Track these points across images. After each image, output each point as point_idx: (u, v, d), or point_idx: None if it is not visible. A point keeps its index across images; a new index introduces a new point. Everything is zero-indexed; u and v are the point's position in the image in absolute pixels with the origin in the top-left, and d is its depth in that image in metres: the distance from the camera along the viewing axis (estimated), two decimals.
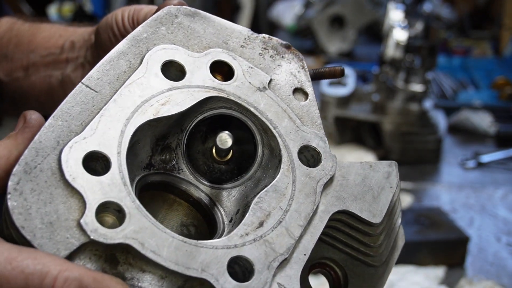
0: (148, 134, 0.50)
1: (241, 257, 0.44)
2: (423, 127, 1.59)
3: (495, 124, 1.76)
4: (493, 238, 1.29)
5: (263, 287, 0.44)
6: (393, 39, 1.55)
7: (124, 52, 0.51)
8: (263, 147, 0.52)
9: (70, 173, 0.44)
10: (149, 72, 0.49)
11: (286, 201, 0.48)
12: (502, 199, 1.45)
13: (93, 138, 0.45)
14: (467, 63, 2.23)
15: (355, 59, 2.41)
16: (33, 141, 0.45)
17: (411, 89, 1.56)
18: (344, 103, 1.63)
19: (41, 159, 0.45)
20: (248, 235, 0.46)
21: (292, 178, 0.49)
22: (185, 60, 0.51)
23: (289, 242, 0.46)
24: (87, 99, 0.48)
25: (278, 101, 0.52)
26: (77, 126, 0.47)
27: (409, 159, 1.61)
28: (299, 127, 0.52)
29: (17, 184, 0.43)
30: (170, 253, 0.43)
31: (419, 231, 1.15)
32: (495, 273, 1.16)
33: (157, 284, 0.43)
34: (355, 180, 0.52)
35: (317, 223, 0.49)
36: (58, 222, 0.42)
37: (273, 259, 0.45)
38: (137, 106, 0.48)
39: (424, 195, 1.46)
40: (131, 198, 0.44)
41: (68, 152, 0.44)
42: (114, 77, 0.49)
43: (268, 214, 0.47)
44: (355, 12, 2.33)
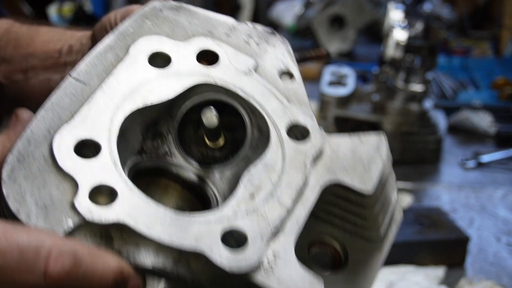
0: (138, 121, 0.50)
1: (234, 229, 0.45)
2: (423, 127, 1.59)
3: (495, 124, 1.76)
4: (493, 238, 1.29)
5: (258, 256, 0.44)
6: (393, 39, 1.55)
7: (111, 46, 0.52)
8: (253, 128, 0.53)
9: (61, 159, 0.45)
10: (136, 62, 0.51)
11: (277, 175, 0.49)
12: (502, 199, 1.45)
13: (82, 126, 0.47)
14: (467, 63, 2.23)
15: (355, 59, 2.41)
16: (25, 132, 0.47)
17: (411, 89, 1.56)
18: (344, 103, 1.63)
19: (33, 147, 0.46)
20: (240, 208, 0.47)
21: (282, 154, 0.51)
22: (170, 49, 0.52)
23: (281, 213, 0.47)
24: (76, 91, 0.49)
25: (265, 83, 0.54)
26: (67, 116, 0.47)
27: (409, 159, 1.61)
28: (287, 106, 0.53)
29: (11, 172, 0.44)
30: (163, 227, 0.44)
31: (419, 231, 1.15)
32: (495, 273, 1.16)
33: (152, 258, 0.43)
34: (345, 153, 0.53)
35: (309, 194, 0.49)
36: (52, 205, 0.44)
37: (266, 229, 0.45)
38: (125, 94, 0.49)
39: (424, 195, 1.46)
40: (123, 179, 0.45)
41: (59, 140, 0.46)
42: (102, 69, 0.51)
43: (259, 187, 0.48)
44: (355, 12, 2.33)
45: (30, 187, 0.44)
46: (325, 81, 1.68)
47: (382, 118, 1.57)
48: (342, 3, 2.32)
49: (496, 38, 2.33)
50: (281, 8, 3.02)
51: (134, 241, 0.44)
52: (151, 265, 0.44)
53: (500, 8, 2.29)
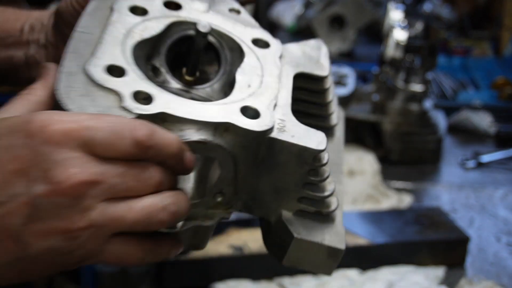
0: (140, 54, 0.62)
1: (247, 106, 0.59)
2: (423, 127, 1.59)
3: (495, 124, 1.76)
4: (493, 238, 1.29)
5: (271, 120, 0.59)
6: (393, 39, 1.55)
7: (97, 7, 0.66)
8: (224, 49, 0.68)
9: (100, 79, 0.56)
10: (121, 14, 0.65)
11: (260, 70, 0.65)
12: (502, 199, 1.45)
13: (104, 57, 0.59)
14: (467, 63, 2.23)
15: (355, 59, 2.41)
16: (62, 69, 0.57)
17: (411, 89, 1.56)
18: (344, 103, 1.63)
19: (73, 77, 0.57)
20: (243, 93, 0.61)
21: (256, 57, 0.66)
22: (143, 3, 0.67)
23: (274, 92, 0.63)
24: (86, 39, 0.62)
25: (222, 16, 0.70)
26: (88, 55, 0.59)
27: (409, 159, 1.61)
28: (245, 28, 0.69)
29: (67, 96, 0.55)
30: (196, 111, 0.57)
31: (419, 231, 1.15)
32: (495, 273, 1.16)
33: (196, 135, 0.56)
34: (298, 55, 0.70)
35: (286, 81, 0.66)
36: (109, 111, 0.55)
37: (269, 103, 0.61)
38: (124, 35, 0.62)
39: (424, 195, 1.47)
40: (154, 86, 0.58)
41: (92, 68, 0.58)
42: (98, 23, 0.64)
43: (250, 79, 0.63)
44: (355, 12, 2.33)
45: (86, 102, 0.55)
46: None
47: (382, 118, 1.58)
48: (342, 3, 2.32)
49: (496, 38, 2.33)
50: (281, 8, 3.02)
51: (177, 126, 0.56)
52: (197, 139, 0.56)
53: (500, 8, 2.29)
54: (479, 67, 2.18)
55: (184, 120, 0.56)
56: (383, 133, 1.58)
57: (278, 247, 0.63)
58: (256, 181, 0.62)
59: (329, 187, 0.63)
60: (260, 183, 0.62)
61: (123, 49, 0.61)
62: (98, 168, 0.51)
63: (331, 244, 0.63)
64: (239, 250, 1.05)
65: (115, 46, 0.61)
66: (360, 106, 1.65)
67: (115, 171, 0.52)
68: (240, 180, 0.61)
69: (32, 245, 0.52)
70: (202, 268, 1.05)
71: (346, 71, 1.73)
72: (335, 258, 0.64)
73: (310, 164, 0.61)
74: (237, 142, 0.58)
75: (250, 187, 0.62)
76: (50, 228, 0.52)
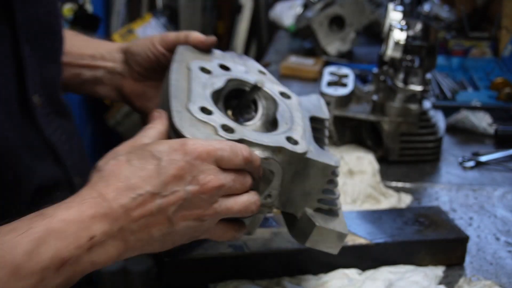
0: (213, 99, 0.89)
1: (290, 136, 0.87)
2: (423, 127, 1.60)
3: (494, 124, 1.77)
4: (492, 237, 1.29)
5: (306, 146, 0.87)
6: (392, 40, 1.55)
7: (180, 66, 0.94)
8: (261, 99, 0.95)
9: (199, 116, 0.83)
10: (196, 72, 0.93)
11: (289, 114, 0.93)
12: (501, 199, 1.45)
13: (197, 101, 0.86)
14: (466, 63, 2.23)
15: (355, 60, 2.42)
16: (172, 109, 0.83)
17: (410, 89, 1.57)
18: (343, 103, 1.63)
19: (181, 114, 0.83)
20: (284, 129, 0.89)
21: (285, 105, 0.94)
22: (207, 65, 0.96)
23: (302, 128, 0.90)
24: (179, 88, 0.88)
25: (256, 74, 1.00)
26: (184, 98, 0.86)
27: (409, 159, 1.61)
28: (272, 84, 0.98)
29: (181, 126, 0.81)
30: (262, 138, 0.84)
31: (418, 231, 1.16)
32: (494, 273, 1.17)
33: (262, 153, 0.83)
34: (307, 104, 1.00)
35: (306, 121, 0.94)
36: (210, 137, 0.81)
37: (302, 135, 0.89)
38: (202, 86, 0.90)
39: (423, 195, 1.47)
40: (230, 121, 0.85)
41: (192, 108, 0.84)
42: (183, 77, 0.91)
43: (286, 120, 0.91)
44: (354, 13, 2.33)
45: (195, 130, 0.80)
46: (324, 81, 1.68)
47: (382, 118, 1.58)
48: (342, 3, 2.32)
49: (495, 39, 2.33)
50: (281, 8, 3.03)
51: (250, 148, 0.81)
52: (264, 156, 0.83)
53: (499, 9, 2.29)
54: (478, 68, 2.18)
55: (255, 144, 0.83)
56: (383, 133, 1.58)
57: (302, 234, 0.90)
58: (292, 187, 0.88)
59: (337, 192, 0.91)
60: (294, 189, 0.88)
61: (205, 96, 0.88)
62: (223, 176, 0.78)
63: (339, 230, 0.89)
64: (239, 250, 1.06)
65: (201, 94, 0.88)
66: (360, 106, 1.65)
67: (231, 178, 0.79)
68: (283, 186, 0.87)
69: (177, 224, 0.77)
70: (202, 268, 1.05)
71: (345, 72, 1.74)
72: (341, 240, 0.90)
73: (328, 176, 0.88)
74: (285, 159, 0.85)
75: (288, 191, 0.88)
76: (190, 214, 0.77)
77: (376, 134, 1.62)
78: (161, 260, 1.04)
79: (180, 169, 0.75)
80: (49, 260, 0.70)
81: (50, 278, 0.71)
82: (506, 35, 2.27)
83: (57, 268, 0.71)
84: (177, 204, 0.76)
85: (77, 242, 0.72)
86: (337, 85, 1.68)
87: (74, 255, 0.72)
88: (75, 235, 0.72)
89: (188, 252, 1.04)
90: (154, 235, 0.77)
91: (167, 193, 0.75)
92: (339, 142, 1.62)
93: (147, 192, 0.74)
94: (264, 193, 0.86)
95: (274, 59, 2.49)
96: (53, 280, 0.71)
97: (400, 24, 1.57)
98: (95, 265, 0.75)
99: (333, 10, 2.33)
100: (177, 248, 1.04)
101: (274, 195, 0.87)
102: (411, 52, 1.54)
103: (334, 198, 0.91)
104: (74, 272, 0.73)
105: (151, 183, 0.75)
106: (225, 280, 1.06)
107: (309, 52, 2.43)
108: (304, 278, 1.07)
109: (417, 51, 1.54)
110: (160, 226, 0.77)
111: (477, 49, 2.32)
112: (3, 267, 0.67)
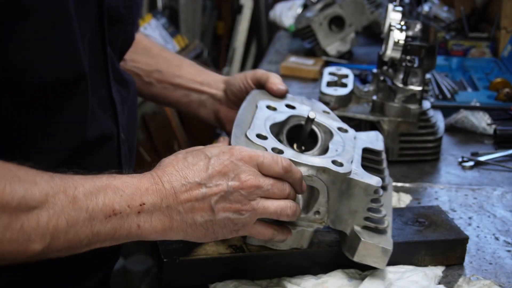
0: (273, 130, 1.05)
1: (335, 160, 1.00)
2: (422, 127, 1.60)
3: (494, 124, 1.77)
4: (491, 237, 1.30)
5: (350, 167, 0.99)
6: (392, 40, 1.55)
7: (249, 104, 1.12)
8: (321, 132, 1.11)
9: (254, 140, 0.99)
10: (262, 108, 1.10)
11: (342, 144, 1.06)
12: (500, 199, 1.46)
13: (255, 129, 1.02)
14: (465, 63, 2.23)
15: (355, 60, 2.42)
16: (233, 134, 1.01)
17: (410, 89, 1.57)
18: (343, 103, 1.64)
19: (238, 139, 1.00)
20: (333, 154, 1.03)
21: (340, 137, 1.08)
22: (274, 104, 1.12)
23: (351, 155, 1.04)
24: (243, 119, 1.06)
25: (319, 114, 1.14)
26: (246, 127, 1.02)
27: (408, 159, 1.61)
28: (333, 121, 1.14)
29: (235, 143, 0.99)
30: (309, 159, 0.99)
31: (417, 231, 1.16)
32: (493, 272, 1.17)
33: (307, 171, 0.98)
34: (364, 138, 1.14)
35: (358, 151, 1.08)
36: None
37: (348, 159, 1.01)
38: (264, 120, 1.06)
39: (423, 194, 1.47)
40: (282, 145, 1.00)
41: (249, 134, 1.00)
42: (249, 112, 1.09)
43: (337, 148, 1.05)
44: (354, 13, 2.33)
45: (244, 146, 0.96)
46: (324, 81, 1.69)
47: (381, 118, 1.58)
48: (342, 3, 2.33)
49: (495, 39, 2.33)
50: (281, 8, 3.03)
51: (298, 166, 0.96)
52: (308, 174, 0.97)
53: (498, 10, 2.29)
54: (478, 68, 2.18)
55: (301, 163, 0.96)
56: (382, 133, 1.59)
57: (351, 249, 1.01)
58: (339, 205, 0.99)
59: (383, 212, 1.02)
60: (341, 207, 1.00)
61: (265, 126, 1.03)
62: (262, 179, 0.92)
63: (383, 245, 1.00)
64: (239, 250, 1.06)
65: (261, 125, 1.03)
66: (360, 106, 1.65)
67: (270, 182, 0.93)
68: (330, 204, 0.99)
69: (218, 214, 0.91)
70: (202, 268, 1.06)
71: (345, 72, 1.74)
72: (386, 255, 1.01)
73: (371, 195, 0.99)
74: (329, 179, 0.97)
75: (335, 209, 1.00)
76: (230, 206, 0.91)
77: None
78: (161, 260, 1.04)
79: (225, 167, 0.91)
80: (101, 205, 0.85)
81: (98, 221, 0.84)
82: (505, 35, 2.27)
83: (106, 216, 0.85)
84: (219, 195, 0.90)
85: (129, 201, 0.87)
86: (337, 85, 1.68)
87: (124, 211, 0.86)
88: (129, 196, 0.87)
89: (188, 252, 1.05)
90: (197, 220, 0.91)
91: (212, 185, 0.90)
92: None
93: (195, 182, 0.90)
94: (312, 209, 0.99)
95: (274, 59, 2.49)
96: (100, 224, 0.85)
97: (399, 25, 1.57)
98: (140, 229, 0.88)
99: (333, 10, 2.33)
100: (177, 248, 1.05)
101: (322, 212, 0.99)
102: (410, 52, 1.54)
103: (380, 216, 1.01)
104: (120, 226, 0.86)
105: (200, 175, 0.90)
106: (225, 280, 1.06)
107: (309, 52, 2.43)
108: (304, 278, 1.08)
109: (416, 52, 1.54)
110: (203, 213, 0.91)
111: (476, 50, 2.32)
112: (66, 196, 0.82)
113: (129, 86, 1.17)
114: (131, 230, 0.88)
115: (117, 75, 1.12)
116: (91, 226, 0.84)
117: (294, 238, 1.02)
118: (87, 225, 0.84)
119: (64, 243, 0.83)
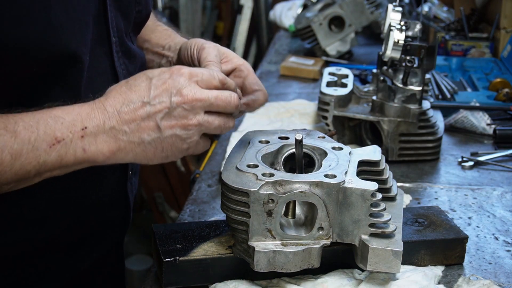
0: (265, 161, 1.05)
1: (327, 173, 1.00)
2: (422, 127, 1.60)
3: (493, 124, 1.77)
4: (490, 237, 1.30)
5: (343, 178, 1.00)
6: (392, 40, 1.55)
7: (242, 143, 1.11)
8: (316, 154, 1.10)
9: (244, 169, 1.00)
10: (255, 143, 1.10)
11: (336, 160, 1.06)
12: (500, 199, 1.46)
13: (246, 161, 1.03)
14: (465, 64, 2.23)
15: (354, 60, 2.42)
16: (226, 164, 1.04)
17: (410, 89, 1.57)
18: (343, 103, 1.64)
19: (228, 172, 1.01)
20: (326, 168, 1.03)
21: (335, 155, 1.07)
22: (267, 138, 1.12)
23: (345, 168, 1.03)
24: (235, 156, 1.06)
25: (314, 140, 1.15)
26: (238, 159, 1.04)
27: (408, 159, 1.62)
28: (328, 143, 1.13)
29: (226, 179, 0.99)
30: (300, 178, 1.00)
31: (417, 231, 1.16)
32: (493, 272, 1.17)
33: (299, 188, 0.99)
34: (360, 152, 1.12)
35: (353, 164, 1.06)
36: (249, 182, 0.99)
37: (341, 172, 1.01)
38: (256, 152, 1.06)
39: (423, 194, 1.47)
40: (272, 170, 1.01)
41: (240, 165, 1.01)
42: (241, 149, 1.09)
43: (331, 163, 1.05)
44: (354, 13, 2.34)
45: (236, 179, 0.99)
46: (324, 81, 1.69)
47: (381, 118, 1.58)
48: (342, 3, 2.33)
49: (494, 39, 2.33)
50: (281, 8, 3.03)
51: (289, 185, 0.97)
52: (300, 190, 0.97)
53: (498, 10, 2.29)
54: (477, 68, 2.18)
55: (293, 181, 0.98)
56: (382, 133, 1.59)
57: (363, 259, 1.01)
58: (340, 217, 0.99)
59: (387, 216, 1.00)
60: (343, 218, 1.00)
61: (256, 157, 1.04)
62: (205, 92, 0.94)
63: (393, 248, 0.99)
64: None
65: (252, 156, 1.04)
66: (359, 106, 1.65)
67: (213, 94, 0.95)
68: (330, 217, 0.99)
69: (165, 131, 0.93)
70: (202, 268, 1.06)
71: (345, 72, 1.74)
72: (398, 257, 1.00)
73: (370, 200, 0.98)
74: (324, 192, 0.98)
75: (338, 222, 1.00)
76: (176, 123, 0.93)
77: (376, 134, 1.63)
78: (161, 260, 1.04)
79: (166, 84, 0.93)
80: (43, 134, 0.87)
81: (42, 150, 0.87)
82: (505, 35, 2.27)
83: (49, 144, 0.87)
84: (164, 112, 0.93)
85: (71, 127, 0.89)
86: (337, 85, 1.68)
87: (67, 137, 0.88)
88: (70, 123, 0.89)
89: (188, 252, 1.05)
90: (145, 139, 0.93)
91: (155, 103, 0.92)
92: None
93: (139, 101, 0.92)
94: (315, 226, 0.99)
95: (274, 59, 2.49)
96: (45, 153, 0.87)
97: (399, 25, 1.57)
98: (86, 152, 0.90)
99: (333, 11, 2.33)
100: (177, 248, 1.05)
101: (325, 227, 0.99)
102: (410, 53, 1.54)
103: (384, 220, 1.00)
104: (66, 152, 0.89)
105: (143, 95, 0.92)
106: (225, 280, 1.06)
107: (309, 52, 2.44)
108: (304, 278, 1.08)
109: (416, 52, 1.54)
110: (149, 131, 0.93)
111: (476, 50, 2.33)
112: (7, 131, 0.85)
113: (136, 60, 1.19)
114: (77, 155, 0.89)
115: (124, 48, 1.13)
116: (36, 156, 0.86)
117: (302, 257, 1.00)
118: (32, 156, 0.86)
119: (12, 176, 0.86)
